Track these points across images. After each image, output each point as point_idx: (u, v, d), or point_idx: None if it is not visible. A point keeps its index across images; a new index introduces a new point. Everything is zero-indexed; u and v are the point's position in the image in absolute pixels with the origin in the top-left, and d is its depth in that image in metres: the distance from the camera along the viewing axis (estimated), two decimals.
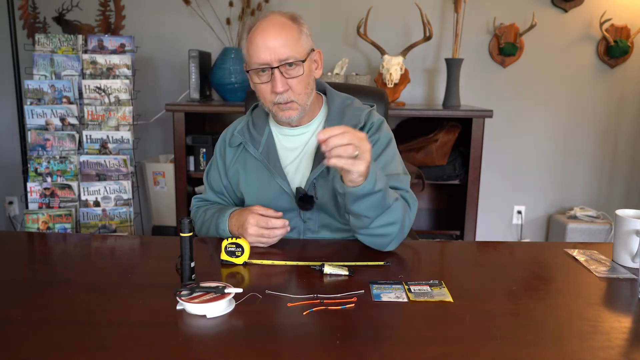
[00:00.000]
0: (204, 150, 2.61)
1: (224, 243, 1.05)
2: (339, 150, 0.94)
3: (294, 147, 1.28)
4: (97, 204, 2.42)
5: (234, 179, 1.32)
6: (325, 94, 1.33)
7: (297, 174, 1.26)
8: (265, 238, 1.15)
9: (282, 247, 1.18)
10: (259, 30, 1.15)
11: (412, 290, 0.93)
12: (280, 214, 1.17)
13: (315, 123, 1.28)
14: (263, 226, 1.14)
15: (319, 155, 1.22)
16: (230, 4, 2.83)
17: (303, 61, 1.16)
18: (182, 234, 0.95)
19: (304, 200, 1.20)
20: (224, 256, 1.06)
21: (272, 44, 1.13)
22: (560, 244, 1.22)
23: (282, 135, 1.29)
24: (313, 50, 1.22)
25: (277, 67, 1.14)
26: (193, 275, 0.97)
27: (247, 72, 1.20)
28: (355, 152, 0.95)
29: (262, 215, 1.16)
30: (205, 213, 1.31)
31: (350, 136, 0.94)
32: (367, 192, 1.02)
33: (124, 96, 2.45)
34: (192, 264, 0.96)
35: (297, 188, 1.22)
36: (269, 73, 1.15)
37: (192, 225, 0.96)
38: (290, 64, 1.14)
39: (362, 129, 1.23)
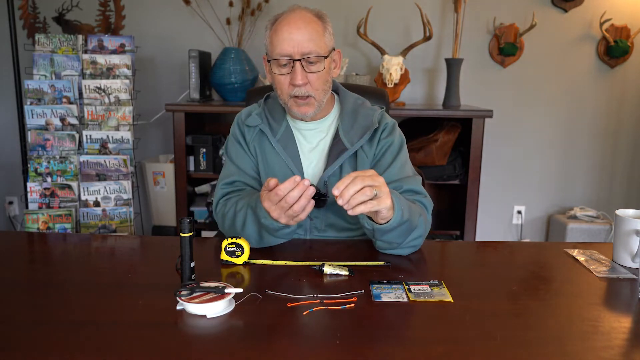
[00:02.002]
0: (204, 150, 2.61)
1: (224, 243, 1.05)
2: (358, 197, 0.93)
3: (308, 143, 1.28)
4: (97, 204, 2.42)
5: (254, 157, 1.28)
6: (336, 92, 1.34)
7: (309, 170, 1.26)
8: (291, 210, 1.00)
9: (282, 247, 1.18)
10: (285, 22, 1.15)
11: (412, 290, 0.93)
12: (275, 180, 1.01)
13: (328, 120, 1.29)
14: (276, 201, 1.00)
15: (333, 155, 1.23)
16: (230, 4, 2.83)
17: (325, 57, 1.17)
18: (182, 234, 0.95)
19: (316, 197, 1.20)
20: (224, 256, 1.06)
21: (296, 36, 1.14)
22: (560, 244, 1.22)
23: (296, 129, 1.29)
24: (334, 49, 1.23)
25: (299, 60, 1.14)
26: (193, 275, 0.97)
27: (269, 61, 1.20)
28: (374, 192, 0.94)
29: (269, 191, 1.01)
30: (237, 204, 1.18)
31: (361, 180, 0.93)
32: (396, 224, 1.02)
33: (124, 96, 2.45)
34: (192, 264, 0.96)
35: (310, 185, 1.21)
36: (290, 65, 1.16)
37: (192, 225, 0.96)
38: (311, 59, 1.15)
39: (376, 130, 1.24)
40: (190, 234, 0.95)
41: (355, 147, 1.22)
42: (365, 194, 0.93)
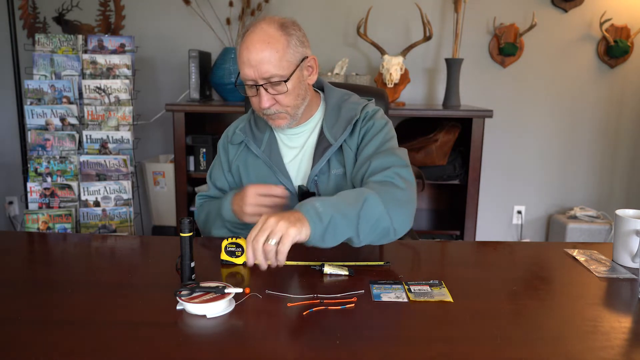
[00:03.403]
0: (204, 150, 2.61)
1: (224, 243, 1.05)
2: (271, 257, 0.90)
3: (294, 145, 1.28)
4: (97, 204, 2.42)
5: (236, 175, 1.32)
6: (322, 90, 1.33)
7: (299, 172, 1.27)
8: (265, 208, 1.13)
9: None
10: (245, 45, 1.13)
11: (412, 290, 0.93)
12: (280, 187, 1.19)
13: (314, 121, 1.28)
14: (262, 193, 1.14)
15: (319, 152, 1.23)
16: (230, 4, 2.83)
17: (286, 81, 1.13)
18: (182, 234, 0.95)
19: (307, 196, 1.21)
20: (224, 256, 1.06)
21: (254, 61, 1.11)
22: (560, 244, 1.22)
23: (282, 134, 1.29)
24: (306, 57, 1.18)
25: (262, 85, 1.14)
26: (193, 275, 0.97)
27: (236, 85, 1.21)
28: (272, 241, 0.89)
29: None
30: (210, 205, 1.33)
31: (256, 244, 0.89)
32: (320, 233, 0.95)
33: (124, 96, 2.45)
34: (192, 264, 0.96)
35: (299, 186, 1.22)
36: (255, 88, 1.15)
37: (192, 225, 0.96)
38: (274, 82, 1.13)
39: (357, 120, 1.23)
40: (190, 234, 0.95)
41: (339, 141, 1.21)
42: (270, 250, 0.89)
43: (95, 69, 2.44)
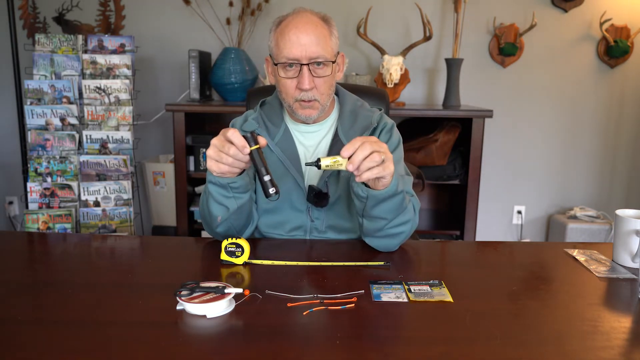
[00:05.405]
0: (204, 150, 2.61)
1: (224, 243, 1.05)
2: (367, 163, 0.94)
3: (308, 144, 1.29)
4: (97, 204, 2.42)
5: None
6: (336, 94, 1.34)
7: (310, 171, 1.27)
8: (222, 160, 1.02)
9: (282, 247, 1.18)
10: (292, 25, 1.15)
11: (412, 290, 0.93)
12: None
13: (329, 122, 1.30)
14: (223, 139, 1.01)
15: (332, 154, 1.23)
16: (230, 4, 2.83)
17: (333, 62, 1.18)
18: (251, 148, 0.97)
19: (320, 197, 1.21)
20: (224, 256, 1.06)
21: (304, 40, 1.14)
22: (560, 244, 1.22)
23: (297, 131, 1.29)
24: (339, 53, 1.23)
25: (307, 64, 1.15)
26: (271, 190, 0.98)
27: (275, 64, 1.18)
28: (382, 157, 0.95)
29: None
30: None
31: (370, 145, 0.94)
32: (392, 193, 1.04)
33: (124, 96, 2.45)
34: (267, 177, 0.98)
35: (309, 185, 1.23)
36: (297, 69, 1.16)
37: (255, 138, 0.98)
38: (319, 63, 1.15)
39: (374, 129, 1.26)
40: (257, 146, 0.98)
41: None
42: (374, 160, 0.94)
43: (95, 69, 2.44)
